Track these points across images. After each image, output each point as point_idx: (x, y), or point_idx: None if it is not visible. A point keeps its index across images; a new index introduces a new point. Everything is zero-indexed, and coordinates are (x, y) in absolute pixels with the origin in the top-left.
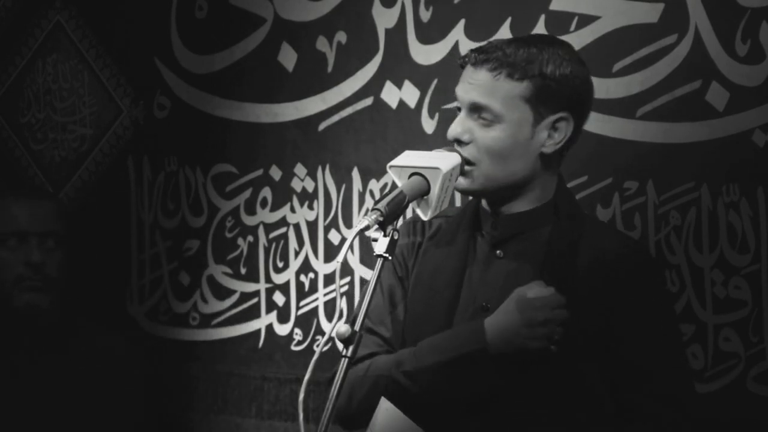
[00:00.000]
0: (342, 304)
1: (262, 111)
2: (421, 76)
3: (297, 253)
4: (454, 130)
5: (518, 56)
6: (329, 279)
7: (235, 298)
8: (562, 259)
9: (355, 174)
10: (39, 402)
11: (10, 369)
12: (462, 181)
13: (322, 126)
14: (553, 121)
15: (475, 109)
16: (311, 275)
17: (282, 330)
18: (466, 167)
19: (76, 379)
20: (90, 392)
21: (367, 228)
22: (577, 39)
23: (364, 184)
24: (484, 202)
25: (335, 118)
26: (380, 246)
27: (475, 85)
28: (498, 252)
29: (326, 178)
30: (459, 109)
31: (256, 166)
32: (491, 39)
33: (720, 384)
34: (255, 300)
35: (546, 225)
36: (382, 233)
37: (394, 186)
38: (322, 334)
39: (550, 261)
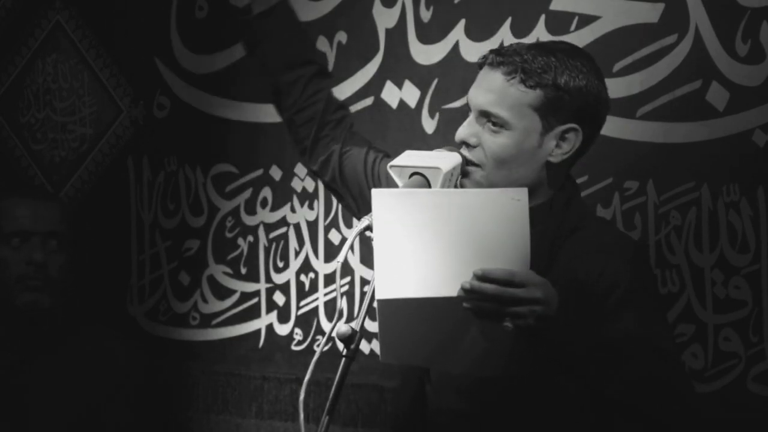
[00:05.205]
0: (342, 304)
1: (262, 111)
2: (421, 76)
3: (297, 253)
4: (462, 133)
5: (535, 63)
6: (329, 279)
7: (235, 298)
8: (542, 254)
9: None
10: (32, 402)
11: (5, 368)
12: (467, 183)
13: None
14: (562, 132)
15: (484, 115)
16: (311, 275)
17: (282, 330)
18: (471, 168)
19: (68, 380)
20: (81, 395)
21: (368, 228)
22: (577, 39)
23: None
24: None
25: None
26: None
27: (486, 89)
28: None
29: None
30: (470, 109)
31: (256, 166)
32: (518, 42)
33: (720, 384)
34: (255, 300)
35: (540, 224)
36: None
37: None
38: (323, 334)
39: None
